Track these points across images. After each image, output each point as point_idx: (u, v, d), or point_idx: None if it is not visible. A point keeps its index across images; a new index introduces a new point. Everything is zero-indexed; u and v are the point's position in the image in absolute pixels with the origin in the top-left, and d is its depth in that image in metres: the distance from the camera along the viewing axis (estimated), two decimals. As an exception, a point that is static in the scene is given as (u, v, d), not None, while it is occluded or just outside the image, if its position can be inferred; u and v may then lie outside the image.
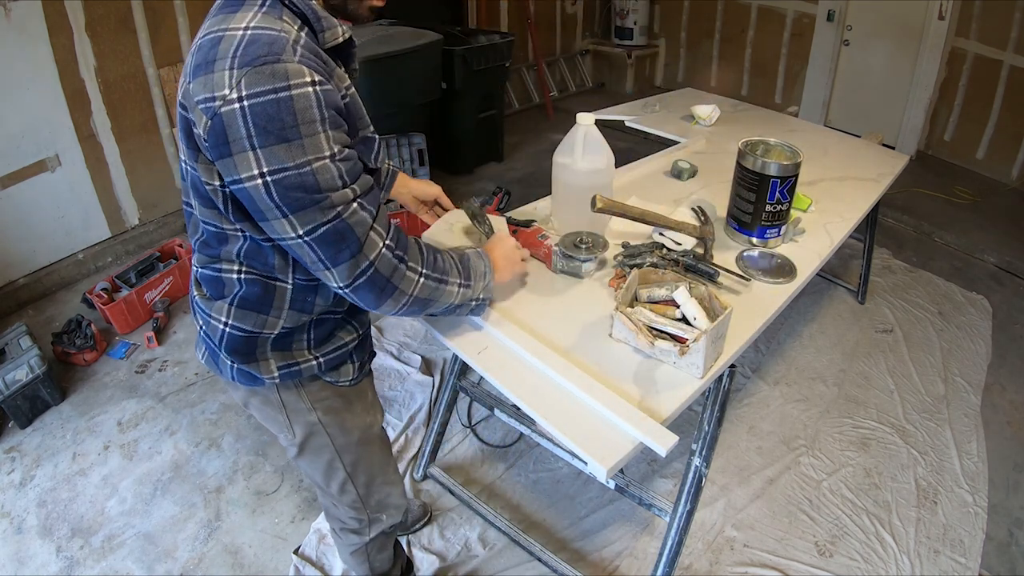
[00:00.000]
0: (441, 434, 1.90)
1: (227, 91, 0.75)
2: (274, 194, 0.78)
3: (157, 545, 1.74)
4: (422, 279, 0.93)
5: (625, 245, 1.42)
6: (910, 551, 1.73)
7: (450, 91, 3.54)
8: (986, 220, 3.40)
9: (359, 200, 0.84)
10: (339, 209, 0.82)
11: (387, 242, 0.88)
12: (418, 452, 1.96)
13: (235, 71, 0.75)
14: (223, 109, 0.75)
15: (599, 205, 1.31)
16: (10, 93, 2.48)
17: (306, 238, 0.82)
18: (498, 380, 1.09)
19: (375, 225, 0.86)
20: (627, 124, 2.40)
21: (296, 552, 1.69)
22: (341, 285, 0.87)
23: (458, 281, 1.01)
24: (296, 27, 0.81)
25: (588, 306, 1.26)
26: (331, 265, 0.85)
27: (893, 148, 3.58)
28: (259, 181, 0.78)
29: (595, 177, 1.40)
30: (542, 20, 4.87)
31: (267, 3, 0.81)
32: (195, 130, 0.80)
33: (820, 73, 4.36)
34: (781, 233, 1.54)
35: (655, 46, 5.28)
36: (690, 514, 1.41)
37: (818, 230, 1.64)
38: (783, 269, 1.43)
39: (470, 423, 2.10)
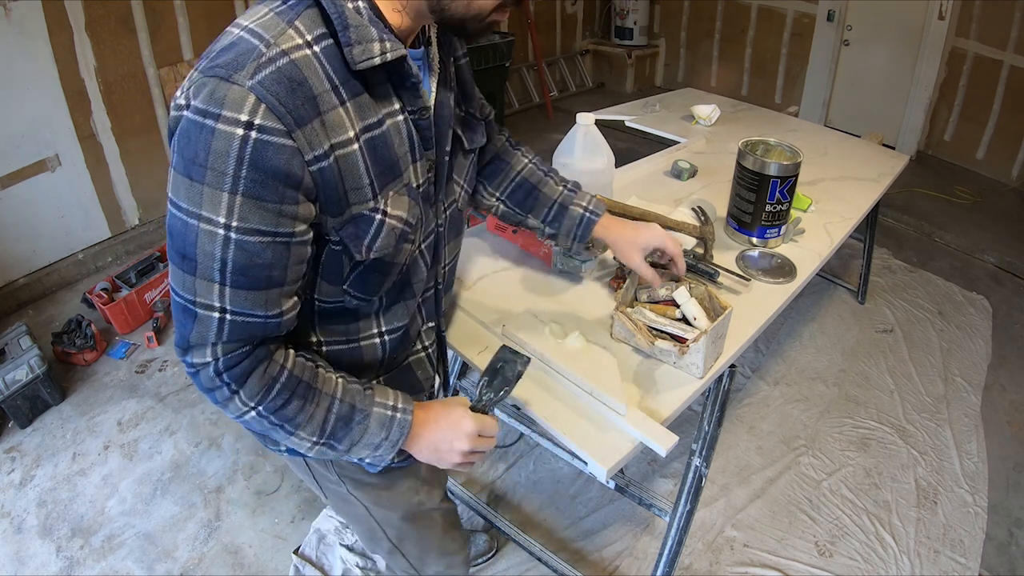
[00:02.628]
0: (441, 434, 1.89)
1: (179, 94, 0.63)
2: (168, 224, 0.66)
3: (157, 545, 1.74)
4: (253, 413, 0.73)
5: (625, 245, 1.42)
6: (910, 551, 1.73)
7: (450, 91, 3.53)
8: (986, 220, 3.40)
9: (223, 308, 0.67)
10: (193, 296, 0.66)
11: (217, 364, 0.70)
12: (418, 452, 1.96)
13: (195, 73, 0.63)
14: (172, 113, 0.64)
15: (599, 205, 1.30)
16: (10, 93, 2.48)
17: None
18: (498, 380, 1.08)
19: (217, 343, 0.69)
20: (627, 124, 2.40)
21: (296, 552, 1.69)
22: None
23: (312, 439, 0.77)
24: (310, 37, 0.64)
25: (588, 306, 1.26)
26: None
27: (893, 148, 3.58)
28: (168, 205, 0.65)
29: (595, 177, 1.40)
30: (542, 20, 4.87)
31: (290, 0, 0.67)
32: None
33: (820, 73, 4.36)
34: (781, 233, 1.54)
35: (655, 46, 5.28)
36: (690, 514, 1.40)
37: (818, 230, 1.64)
38: (783, 269, 1.43)
39: (470, 423, 2.10)
